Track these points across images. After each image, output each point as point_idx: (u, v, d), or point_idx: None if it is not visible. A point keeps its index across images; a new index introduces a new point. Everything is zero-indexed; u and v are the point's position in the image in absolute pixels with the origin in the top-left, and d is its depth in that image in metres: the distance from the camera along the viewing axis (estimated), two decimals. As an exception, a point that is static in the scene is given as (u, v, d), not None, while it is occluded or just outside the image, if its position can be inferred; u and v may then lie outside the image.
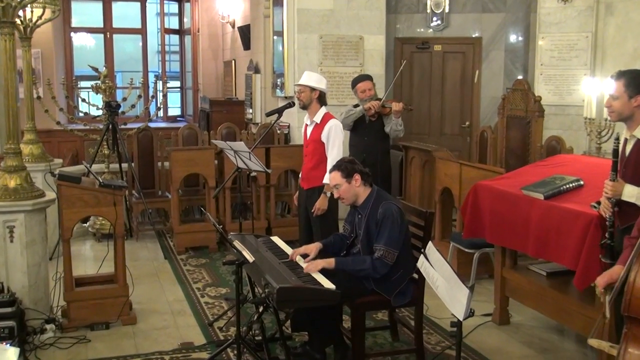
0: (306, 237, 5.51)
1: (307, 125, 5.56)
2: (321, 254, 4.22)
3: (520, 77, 8.76)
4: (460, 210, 5.53)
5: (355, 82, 6.49)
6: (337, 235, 4.44)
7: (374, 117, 6.33)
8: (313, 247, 4.26)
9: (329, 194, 5.25)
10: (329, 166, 5.24)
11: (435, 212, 6.20)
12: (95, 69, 7.70)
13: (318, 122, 5.41)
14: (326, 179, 5.23)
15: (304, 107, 5.47)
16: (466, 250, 5.75)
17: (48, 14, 6.58)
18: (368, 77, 6.56)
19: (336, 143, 5.32)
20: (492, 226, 4.87)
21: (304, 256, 4.23)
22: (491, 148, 7.46)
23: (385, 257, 3.99)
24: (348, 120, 6.30)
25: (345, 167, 4.21)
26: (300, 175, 5.71)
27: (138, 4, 13.65)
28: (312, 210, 5.32)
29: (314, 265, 4.03)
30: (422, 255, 3.28)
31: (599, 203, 3.72)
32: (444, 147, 7.31)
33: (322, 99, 5.46)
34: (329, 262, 4.04)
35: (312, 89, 5.39)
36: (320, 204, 5.30)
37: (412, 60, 9.11)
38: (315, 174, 5.39)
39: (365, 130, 6.36)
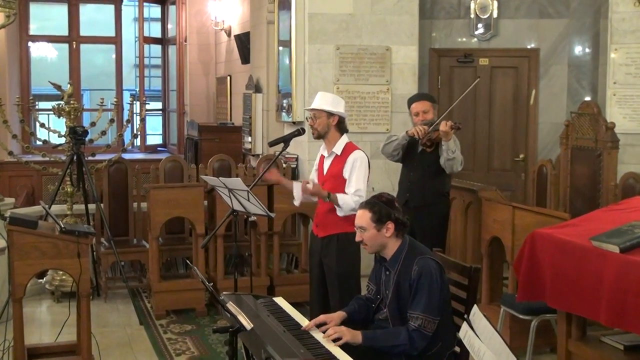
0: (319, 299, 5.50)
1: (323, 157, 5.58)
2: (345, 325, 4.18)
3: (587, 98, 8.77)
4: (514, 265, 5.49)
5: (409, 103, 6.38)
6: (360, 298, 4.42)
7: (430, 147, 6.13)
8: (335, 317, 4.22)
9: (324, 195, 5.34)
10: (348, 191, 5.28)
11: (481, 268, 6.16)
12: (58, 87, 7.77)
13: (339, 153, 5.43)
14: (341, 199, 5.29)
15: (320, 136, 5.49)
16: (521, 316, 5.69)
17: (1, 18, 6.68)
18: (425, 97, 6.43)
19: (361, 178, 5.32)
20: (554, 286, 4.83)
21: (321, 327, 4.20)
22: (552, 187, 7.43)
23: (425, 327, 3.97)
24: (389, 148, 6.22)
25: (379, 210, 4.18)
26: (313, 221, 5.71)
27: (111, 8, 13.85)
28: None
29: (337, 333, 3.97)
30: (465, 323, 3.26)
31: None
32: (493, 185, 7.29)
33: (341, 126, 5.47)
34: (355, 336, 4.00)
35: (330, 114, 5.41)
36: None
37: (451, 77, 9.15)
38: (334, 218, 5.39)
39: (413, 164, 6.21)
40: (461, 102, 9.18)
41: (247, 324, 3.94)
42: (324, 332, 4.05)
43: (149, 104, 9.71)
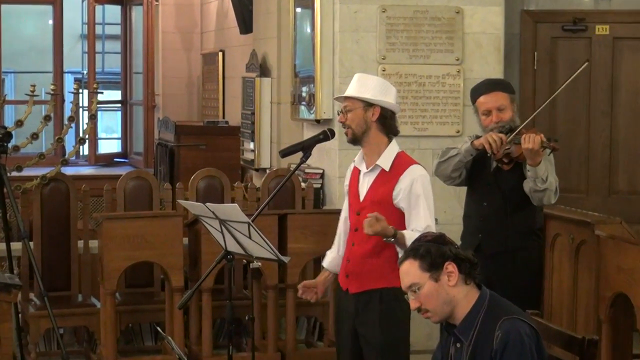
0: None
1: (359, 171, 5.57)
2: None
3: None
4: (649, 336, 5.48)
5: (473, 95, 6.35)
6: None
7: (508, 164, 6.14)
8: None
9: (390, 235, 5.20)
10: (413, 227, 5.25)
11: (599, 340, 6.13)
12: (-32, 68, 7.87)
13: (386, 168, 5.41)
14: (412, 239, 5.22)
15: (355, 139, 5.49)
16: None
17: None
18: (499, 86, 6.38)
19: (428, 209, 5.32)
20: None
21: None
22: None
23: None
24: (446, 168, 6.18)
25: (426, 251, 4.18)
26: (340, 267, 5.71)
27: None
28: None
29: None
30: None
31: None
32: (616, 216, 7.27)
33: (388, 124, 5.46)
34: None
35: (368, 105, 5.40)
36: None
37: (554, 53, 9.14)
38: (376, 265, 5.39)
39: (487, 188, 6.22)
40: (569, 91, 9.22)
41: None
42: None
43: (102, 93, 9.71)
